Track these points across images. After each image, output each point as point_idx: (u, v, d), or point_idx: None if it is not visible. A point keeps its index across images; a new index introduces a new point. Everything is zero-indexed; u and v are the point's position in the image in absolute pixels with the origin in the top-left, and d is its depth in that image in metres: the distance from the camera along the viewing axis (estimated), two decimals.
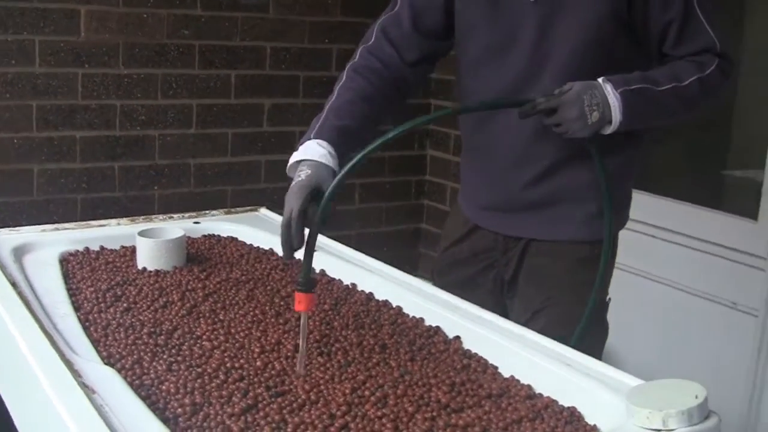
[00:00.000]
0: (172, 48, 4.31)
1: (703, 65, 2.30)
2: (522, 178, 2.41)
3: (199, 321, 1.87)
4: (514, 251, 2.45)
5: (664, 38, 2.32)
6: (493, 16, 2.36)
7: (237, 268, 2.28)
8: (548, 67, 2.31)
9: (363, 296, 2.10)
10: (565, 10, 2.28)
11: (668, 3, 2.27)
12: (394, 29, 2.42)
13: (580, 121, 2.18)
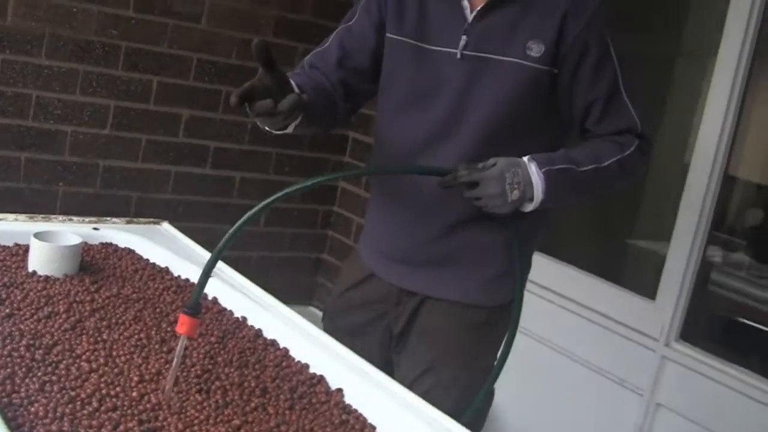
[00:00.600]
0: (97, 45, 4.25)
1: (623, 146, 2.34)
2: (424, 233, 2.41)
3: (82, 338, 1.83)
4: (407, 306, 2.45)
5: (587, 115, 2.35)
6: (418, 67, 2.37)
7: (129, 284, 2.24)
8: (465, 126, 2.32)
9: (252, 332, 2.08)
10: (489, 72, 2.30)
11: (595, 82, 2.30)
12: (320, 63, 2.43)
13: (501, 198, 2.20)
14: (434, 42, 2.36)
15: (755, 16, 3.46)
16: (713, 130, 3.54)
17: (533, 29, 2.29)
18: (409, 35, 2.38)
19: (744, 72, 3.49)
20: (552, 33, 2.28)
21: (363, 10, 2.48)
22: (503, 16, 2.31)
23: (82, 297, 2.06)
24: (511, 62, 2.29)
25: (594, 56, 2.30)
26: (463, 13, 2.33)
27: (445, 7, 2.36)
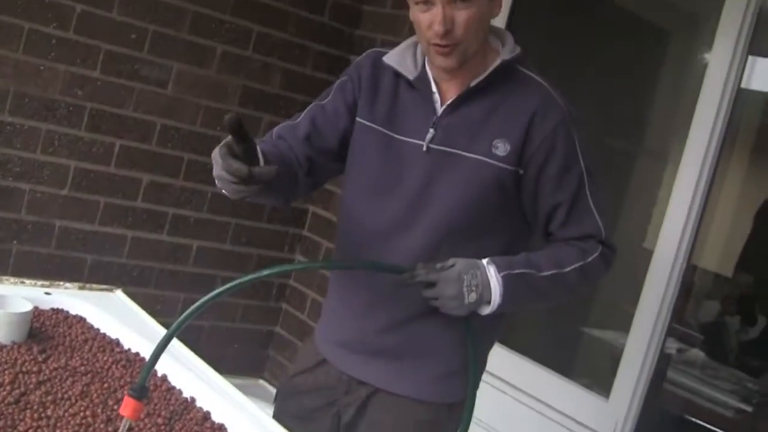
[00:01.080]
0: (62, 105, 4.23)
1: (586, 252, 2.34)
2: (377, 323, 2.40)
3: (25, 413, 1.79)
4: (358, 396, 2.43)
5: (551, 218, 2.36)
6: (384, 155, 2.38)
7: (78, 355, 2.20)
8: (425, 219, 2.33)
9: (200, 414, 2.04)
10: (453, 167, 2.31)
11: (560, 186, 2.31)
12: (288, 135, 2.42)
13: (457, 300, 2.20)
14: (402, 132, 2.38)
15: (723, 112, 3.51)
16: (678, 219, 3.57)
17: (501, 128, 2.30)
18: (379, 122, 2.40)
19: (711, 163, 3.54)
20: (519, 133, 2.29)
21: (338, 89, 2.49)
22: (472, 112, 2.33)
23: (28, 367, 2.02)
24: (476, 159, 2.30)
25: (561, 159, 2.31)
26: (433, 106, 2.36)
27: (417, 98, 2.39)
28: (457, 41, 2.24)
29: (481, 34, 2.30)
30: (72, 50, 4.20)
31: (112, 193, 4.46)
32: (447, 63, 2.29)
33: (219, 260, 4.85)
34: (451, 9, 2.21)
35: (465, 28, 2.23)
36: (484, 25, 2.31)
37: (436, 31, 2.22)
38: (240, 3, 4.63)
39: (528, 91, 2.35)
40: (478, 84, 2.33)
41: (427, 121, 2.35)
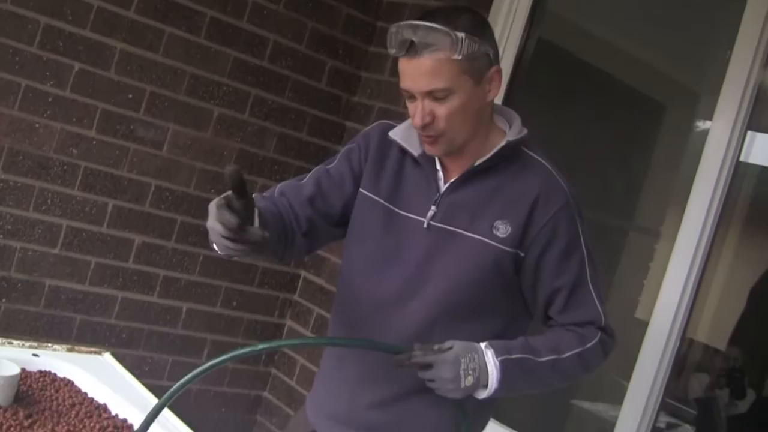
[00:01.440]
0: (56, 163, 4.21)
1: (585, 338, 2.33)
2: (368, 397, 2.39)
3: None
4: None
5: (551, 303, 2.34)
6: (385, 229, 2.39)
7: (65, 420, 2.17)
8: (422, 295, 2.32)
9: None
10: (453, 245, 2.31)
11: (561, 271, 2.30)
12: (291, 194, 2.44)
13: (454, 383, 2.18)
14: (405, 207, 2.39)
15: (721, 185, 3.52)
16: (674, 292, 3.57)
17: (502, 209, 2.31)
18: (383, 196, 2.42)
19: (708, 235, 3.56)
20: (521, 216, 2.29)
21: (344, 156, 2.52)
22: (474, 192, 2.33)
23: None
24: (476, 239, 2.30)
25: (562, 244, 2.30)
26: (436, 183, 2.38)
27: (421, 175, 2.41)
28: (440, 133, 2.27)
29: (468, 123, 2.31)
30: (68, 108, 4.19)
31: (104, 253, 4.42)
32: (433, 151, 2.34)
33: (209, 323, 4.81)
34: (431, 102, 2.24)
35: (446, 120, 2.26)
36: (472, 113, 2.31)
37: (416, 123, 2.26)
38: (238, 66, 4.64)
39: (532, 173, 2.36)
40: (481, 164, 2.34)
41: (430, 198, 2.37)
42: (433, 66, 2.21)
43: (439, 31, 2.21)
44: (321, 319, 4.84)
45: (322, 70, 4.95)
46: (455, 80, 2.24)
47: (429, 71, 2.22)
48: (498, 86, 2.37)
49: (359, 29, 5.05)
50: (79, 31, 4.16)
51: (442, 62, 2.21)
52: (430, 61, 2.21)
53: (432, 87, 2.23)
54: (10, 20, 3.97)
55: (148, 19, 4.33)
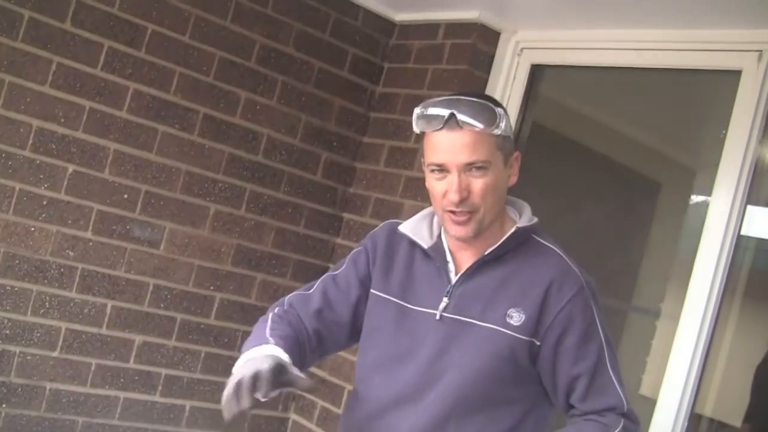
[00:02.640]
0: (53, 266, 4.19)
1: (608, 428, 2.29)
2: None
3: None
4: None
5: (571, 390, 2.31)
6: (398, 326, 2.38)
7: None
8: (436, 387, 2.29)
9: None
10: (466, 336, 2.28)
11: (580, 358, 2.27)
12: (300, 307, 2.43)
13: None
14: (416, 302, 2.38)
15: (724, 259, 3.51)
16: (681, 368, 3.55)
17: (516, 297, 2.29)
18: (394, 294, 2.41)
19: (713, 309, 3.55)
20: (535, 303, 2.27)
21: (351, 261, 2.53)
22: (486, 281, 2.32)
23: None
24: (490, 328, 2.27)
25: (579, 331, 2.28)
26: (448, 275, 2.37)
27: (431, 268, 2.40)
28: (474, 209, 2.26)
29: (497, 203, 2.32)
30: (63, 211, 4.18)
31: (104, 354, 4.38)
32: (463, 232, 2.30)
33: (213, 421, 4.74)
34: (467, 176, 2.24)
35: (481, 195, 2.25)
36: (500, 193, 2.33)
37: (451, 199, 2.24)
38: (232, 162, 4.65)
39: (544, 261, 2.35)
40: (492, 252, 2.33)
41: (441, 290, 2.35)
42: (475, 138, 2.23)
43: (480, 105, 2.25)
44: (325, 412, 4.78)
45: (317, 163, 4.96)
46: (492, 154, 2.26)
47: (470, 143, 2.23)
48: (517, 173, 2.40)
49: (353, 121, 5.07)
50: (71, 133, 4.17)
51: (483, 135, 2.24)
52: (472, 134, 2.23)
53: (473, 159, 2.23)
54: (2, 124, 3.99)
55: (140, 118, 4.35)
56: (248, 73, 4.66)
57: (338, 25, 4.94)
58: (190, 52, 4.45)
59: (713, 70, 3.80)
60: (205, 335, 4.68)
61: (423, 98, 4.52)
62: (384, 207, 4.80)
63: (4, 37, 3.95)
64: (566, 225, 4.77)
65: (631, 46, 3.99)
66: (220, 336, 4.72)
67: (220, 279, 4.68)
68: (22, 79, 4.02)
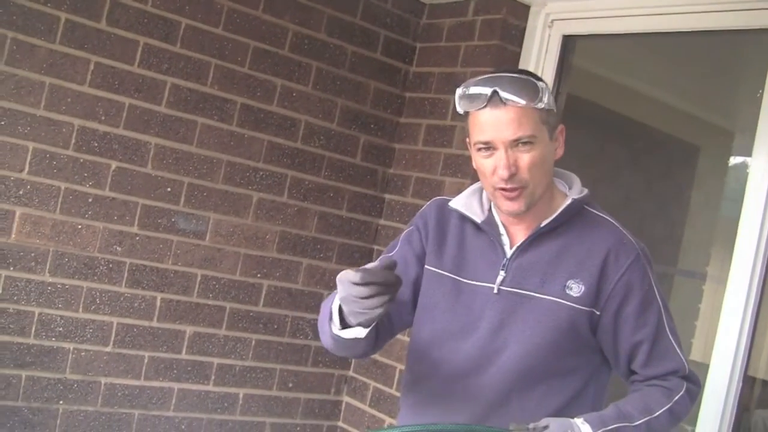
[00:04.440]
0: (101, 262, 4.24)
1: (672, 392, 2.30)
2: None
3: None
4: None
5: (633, 357, 2.32)
6: (455, 301, 2.38)
7: None
8: (498, 361, 2.29)
9: None
10: (525, 309, 2.28)
11: (640, 324, 2.28)
12: None
13: None
14: (472, 276, 2.38)
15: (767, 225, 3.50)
16: (732, 332, 3.53)
17: (574, 268, 2.29)
18: (448, 269, 2.42)
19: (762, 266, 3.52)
20: (594, 273, 2.27)
21: (405, 241, 2.53)
22: (542, 253, 2.32)
23: None
24: (550, 300, 2.27)
25: (638, 298, 2.28)
26: (502, 248, 2.37)
27: (485, 242, 2.40)
28: (523, 184, 2.26)
29: (545, 176, 2.32)
30: (109, 207, 4.24)
31: (156, 346, 4.44)
32: (514, 207, 2.30)
33: (266, 407, 4.80)
34: (515, 152, 2.24)
35: (529, 169, 2.25)
36: (548, 166, 2.33)
37: (500, 175, 2.24)
38: (272, 150, 4.69)
39: (599, 230, 2.36)
40: (548, 224, 2.34)
41: (497, 264, 2.36)
42: (519, 113, 2.23)
43: (523, 80, 2.26)
44: (378, 393, 4.81)
45: (356, 146, 4.99)
46: (537, 129, 2.26)
47: (515, 119, 2.23)
48: (563, 146, 2.40)
49: (388, 102, 5.09)
50: (112, 130, 4.22)
51: (527, 110, 2.24)
52: (516, 109, 2.23)
53: (518, 134, 2.23)
54: (45, 125, 4.04)
55: (179, 112, 4.39)
56: (282, 61, 4.69)
57: (368, 8, 4.96)
58: (224, 43, 4.49)
59: (747, 30, 3.77)
60: (254, 323, 4.72)
61: (457, 76, 4.60)
62: (425, 186, 4.81)
63: (42, 40, 4.00)
64: (607, 194, 4.77)
65: (663, 11, 3.96)
66: (269, 323, 4.77)
67: (266, 266, 4.72)
68: (62, 81, 4.07)
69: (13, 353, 4.09)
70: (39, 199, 4.07)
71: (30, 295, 4.09)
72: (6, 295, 4.04)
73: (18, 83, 3.98)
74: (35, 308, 4.11)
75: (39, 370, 4.15)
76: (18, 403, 4.11)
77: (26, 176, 4.03)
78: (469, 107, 2.30)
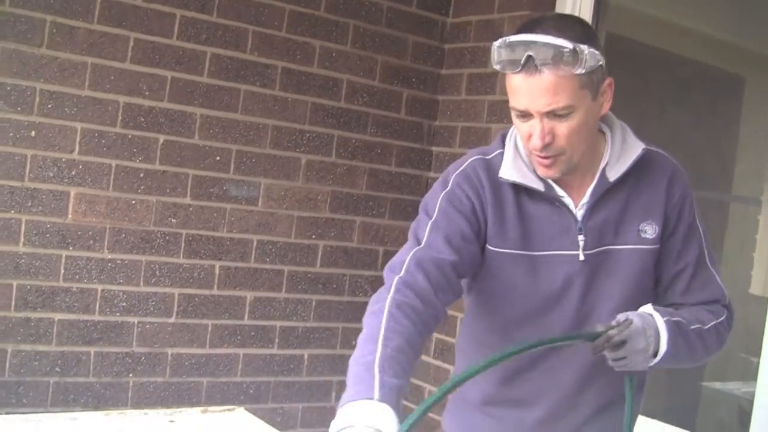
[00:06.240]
0: (158, 235, 4.30)
1: (715, 315, 2.28)
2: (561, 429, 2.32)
3: None
4: None
5: (674, 285, 2.29)
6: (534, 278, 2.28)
7: None
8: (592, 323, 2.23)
9: None
10: (609, 265, 2.23)
11: (684, 252, 2.26)
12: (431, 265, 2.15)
13: (644, 353, 2.10)
14: (545, 246, 2.27)
15: None
16: None
17: (643, 211, 2.24)
18: (516, 245, 2.27)
19: None
20: (661, 211, 2.24)
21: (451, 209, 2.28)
22: (612, 205, 2.25)
23: None
24: (628, 249, 2.23)
25: (686, 227, 2.26)
26: (569, 211, 2.26)
27: (546, 208, 2.28)
28: (560, 152, 2.15)
29: (585, 140, 2.19)
30: (160, 181, 4.29)
31: (219, 314, 4.49)
32: (549, 173, 2.21)
33: (332, 366, 4.85)
34: (551, 120, 2.11)
35: (566, 139, 2.13)
36: (589, 129, 2.19)
37: (534, 144, 2.13)
38: (316, 111, 4.71)
39: (656, 167, 2.30)
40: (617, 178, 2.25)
41: (570, 228, 2.26)
42: (555, 83, 2.07)
43: (560, 46, 2.06)
44: (441, 344, 4.83)
45: (399, 101, 5.00)
46: (576, 97, 2.10)
47: (550, 89, 2.07)
48: (611, 99, 2.24)
49: (428, 55, 5.09)
50: (157, 104, 4.26)
51: (565, 79, 2.07)
52: (552, 78, 2.07)
53: (553, 106, 2.08)
54: (91, 105, 4.09)
55: (221, 81, 4.42)
56: (320, 22, 4.70)
57: None
58: (260, 9, 4.50)
59: None
60: (313, 284, 4.76)
61: (494, 23, 4.58)
62: (471, 135, 4.81)
63: (81, 21, 4.04)
64: (654, 130, 4.75)
65: None
66: (328, 283, 4.81)
67: (320, 227, 4.76)
68: (103, 59, 4.11)
69: (81, 331, 4.16)
70: (92, 178, 4.12)
71: (91, 273, 4.15)
72: (68, 275, 4.10)
73: (61, 66, 4.02)
74: (97, 285, 4.17)
75: (107, 346, 4.22)
76: (89, 378, 4.19)
77: (77, 156, 4.08)
78: (504, 69, 2.15)
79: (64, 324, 4.12)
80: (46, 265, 4.06)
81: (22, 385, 4.05)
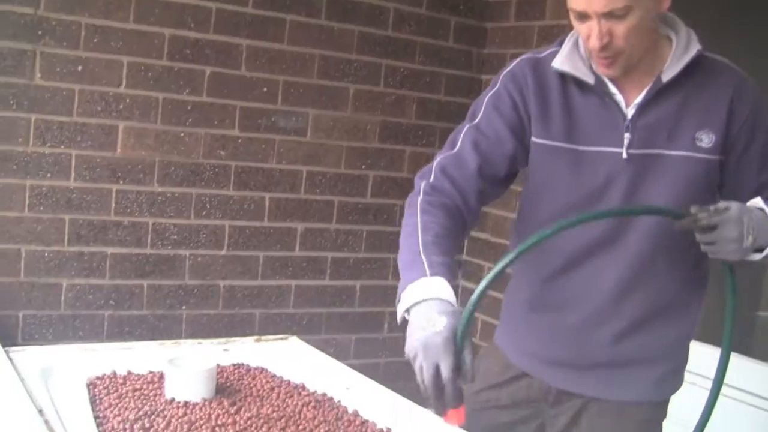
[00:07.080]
0: (207, 168, 4.29)
1: None
2: (597, 338, 2.29)
3: None
4: (568, 406, 2.34)
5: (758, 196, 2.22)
6: (575, 172, 2.25)
7: (267, 403, 2.19)
8: (635, 228, 2.19)
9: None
10: (657, 169, 2.17)
11: (765, 163, 2.19)
12: (455, 170, 2.24)
13: (737, 243, 2.03)
14: (590, 142, 2.24)
15: None
16: None
17: (700, 118, 2.17)
18: (560, 138, 2.25)
19: None
20: (721, 120, 2.16)
21: (491, 108, 2.31)
22: (666, 108, 2.18)
23: (224, 420, 2.01)
24: (681, 156, 2.16)
25: (763, 138, 2.19)
26: (619, 108, 2.22)
27: (596, 103, 2.24)
28: (619, 52, 2.10)
29: (645, 39, 2.14)
30: (208, 113, 4.27)
31: (269, 246, 4.50)
32: (608, 72, 2.17)
33: (384, 297, 4.85)
34: (608, 21, 2.05)
35: (625, 39, 2.07)
36: (649, 27, 2.13)
37: (592, 45, 2.09)
38: (364, 40, 4.66)
39: (718, 75, 2.22)
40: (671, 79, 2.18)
41: (618, 126, 2.21)
42: None
43: None
44: None
45: (447, 29, 4.93)
46: None
47: None
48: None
49: None
50: (203, 36, 4.23)
51: None
52: None
53: (611, 7, 2.03)
54: (136, 38, 4.07)
55: (266, 11, 4.38)
56: None
57: None
58: None
59: None
60: (363, 214, 4.75)
61: None
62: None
63: None
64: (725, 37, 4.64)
65: None
66: (378, 213, 4.79)
67: (369, 157, 4.73)
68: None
69: (133, 264, 4.18)
70: (140, 112, 4.11)
71: (142, 206, 4.16)
72: (119, 209, 4.12)
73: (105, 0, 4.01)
74: (148, 218, 4.19)
75: (159, 278, 4.24)
76: (143, 311, 4.22)
77: (124, 90, 4.07)
78: None
79: (117, 258, 4.14)
80: (98, 199, 4.07)
81: (78, 318, 4.09)
